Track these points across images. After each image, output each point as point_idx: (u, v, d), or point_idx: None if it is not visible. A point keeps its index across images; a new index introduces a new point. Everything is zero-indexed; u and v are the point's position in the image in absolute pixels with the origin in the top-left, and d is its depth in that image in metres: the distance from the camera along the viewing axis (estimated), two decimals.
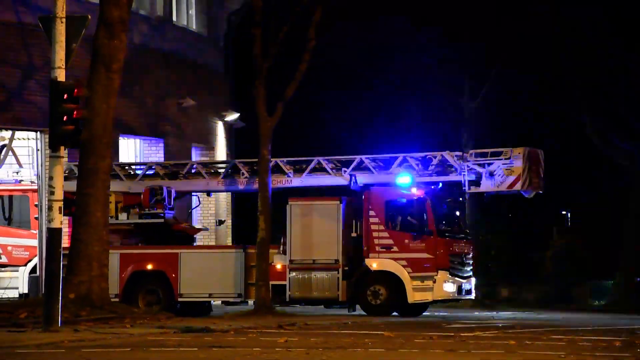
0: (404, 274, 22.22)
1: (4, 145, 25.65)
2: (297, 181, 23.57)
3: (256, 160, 23.36)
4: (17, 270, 25.01)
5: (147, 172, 24.34)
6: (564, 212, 39.53)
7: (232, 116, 31.63)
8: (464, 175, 22.46)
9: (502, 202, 36.66)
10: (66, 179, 21.53)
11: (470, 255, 23.36)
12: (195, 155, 30.17)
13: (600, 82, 35.87)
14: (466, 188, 22.60)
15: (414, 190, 22.39)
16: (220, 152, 31.01)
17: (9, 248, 25.34)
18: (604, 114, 36.47)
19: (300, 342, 14.20)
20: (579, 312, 29.99)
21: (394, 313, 22.61)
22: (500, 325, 19.59)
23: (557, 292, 35.53)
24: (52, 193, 16.10)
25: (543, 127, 35.06)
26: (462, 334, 16.09)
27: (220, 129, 31.20)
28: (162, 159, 27.48)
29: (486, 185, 22.43)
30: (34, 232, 24.77)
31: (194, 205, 25.74)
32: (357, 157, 23.32)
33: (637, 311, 31.04)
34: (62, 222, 16.31)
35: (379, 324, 18.76)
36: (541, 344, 14.21)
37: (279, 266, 22.79)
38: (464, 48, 35.00)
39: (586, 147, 38.28)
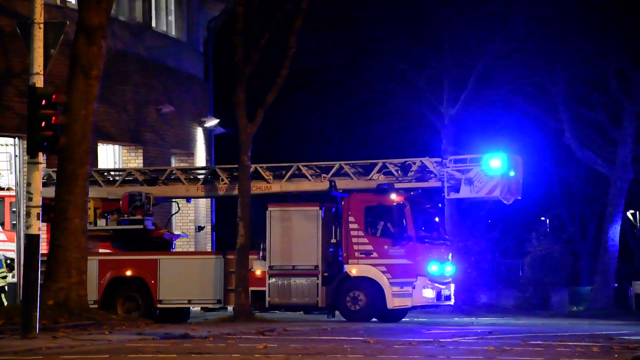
0: (383, 280, 22.25)
1: None
2: (276, 187, 23.57)
3: (236, 166, 23.34)
4: None
5: (126, 178, 24.26)
6: (542, 218, 39.73)
7: (212, 122, 31.60)
8: (443, 181, 22.53)
9: (481, 208, 36.83)
10: (45, 184, 21.53)
11: (450, 261, 23.42)
12: (175, 162, 30.11)
13: (579, 90, 36.11)
14: (445, 194, 22.67)
15: (393, 197, 22.44)
16: (200, 158, 30.96)
17: None
18: (583, 121, 36.72)
19: (280, 349, 14.18)
20: (558, 318, 30.12)
21: (374, 319, 22.62)
22: (479, 331, 19.64)
23: (535, 298, 35.70)
24: (30, 199, 16.01)
25: (522, 134, 35.22)
26: (441, 340, 16.12)
27: (199, 135, 31.15)
28: (141, 166, 27.40)
29: (465, 192, 22.50)
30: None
31: (173, 212, 25.66)
32: (337, 163, 23.35)
33: (615, 317, 31.24)
34: (41, 229, 16.22)
35: (359, 330, 18.76)
36: (520, 350, 14.26)
37: (258, 272, 22.76)
38: (443, 55, 35.13)
39: (565, 154, 38.52)
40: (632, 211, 40.16)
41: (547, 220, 39.17)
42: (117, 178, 24.39)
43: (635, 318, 30.81)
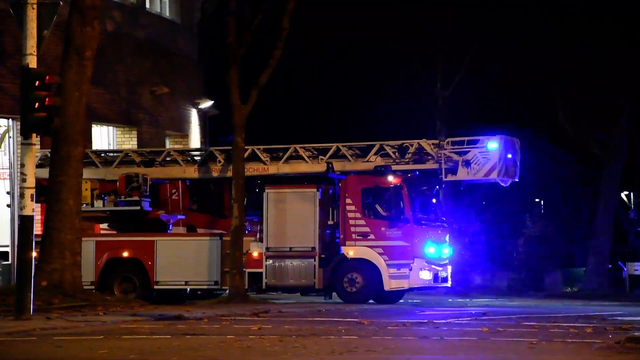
0: (380, 261, 22.25)
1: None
2: (273, 169, 23.52)
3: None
4: None
5: (123, 160, 24.19)
6: (537, 200, 39.79)
7: (206, 103, 31.52)
8: (440, 163, 22.51)
9: (475, 190, 36.85)
10: (41, 166, 21.47)
11: (447, 243, 23.43)
12: (169, 143, 30.04)
13: (573, 72, 36.06)
14: (443, 176, 22.65)
15: (391, 178, 22.41)
16: (194, 139, 30.90)
17: None
18: (577, 103, 36.68)
19: (274, 330, 14.19)
20: (552, 299, 30.21)
21: (371, 301, 22.65)
22: (473, 312, 19.68)
23: (529, 280, 35.79)
24: (23, 180, 15.97)
25: (517, 116, 35.16)
26: (435, 321, 16.15)
27: (194, 117, 31.08)
28: (135, 147, 27.32)
29: (462, 174, 22.49)
30: None
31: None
32: (334, 145, 23.30)
33: (609, 298, 31.34)
34: (35, 210, 16.18)
35: (353, 312, 18.78)
36: (513, 331, 14.29)
37: (255, 254, 22.75)
38: (436, 37, 35.03)
39: (559, 136, 38.51)
40: (626, 192, 40.21)
41: (542, 202, 39.20)
42: (114, 159, 24.33)
43: (628, 299, 30.91)
